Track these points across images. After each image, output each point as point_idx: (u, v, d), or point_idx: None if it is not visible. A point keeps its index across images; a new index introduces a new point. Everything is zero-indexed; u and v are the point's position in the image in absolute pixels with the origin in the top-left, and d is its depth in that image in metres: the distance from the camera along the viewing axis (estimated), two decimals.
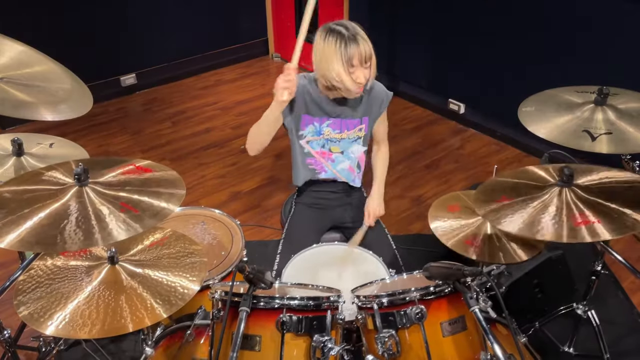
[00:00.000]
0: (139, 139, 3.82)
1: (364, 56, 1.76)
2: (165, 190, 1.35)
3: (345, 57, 1.74)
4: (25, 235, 1.15)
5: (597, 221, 1.31)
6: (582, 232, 1.30)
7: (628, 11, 2.80)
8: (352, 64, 1.75)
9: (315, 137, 1.98)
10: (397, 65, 4.22)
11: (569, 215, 1.35)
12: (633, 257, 2.64)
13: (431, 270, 1.33)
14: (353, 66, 1.76)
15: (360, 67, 1.78)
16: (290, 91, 1.72)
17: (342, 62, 1.74)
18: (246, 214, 3.04)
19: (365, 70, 1.80)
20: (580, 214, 1.34)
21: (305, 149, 2.00)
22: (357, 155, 2.04)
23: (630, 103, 1.72)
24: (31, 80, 1.65)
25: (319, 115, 1.94)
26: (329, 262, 1.83)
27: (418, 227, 2.92)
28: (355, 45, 1.74)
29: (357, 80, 1.78)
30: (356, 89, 1.80)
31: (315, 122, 1.95)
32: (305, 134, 1.97)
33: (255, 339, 1.29)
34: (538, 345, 2.03)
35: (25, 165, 1.73)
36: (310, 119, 1.94)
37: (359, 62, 1.76)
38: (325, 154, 2.01)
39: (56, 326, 1.25)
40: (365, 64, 1.78)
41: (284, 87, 1.71)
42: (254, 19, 4.89)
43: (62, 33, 3.83)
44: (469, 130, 3.89)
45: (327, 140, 1.99)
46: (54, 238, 1.15)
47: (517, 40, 3.36)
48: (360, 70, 1.78)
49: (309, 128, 1.97)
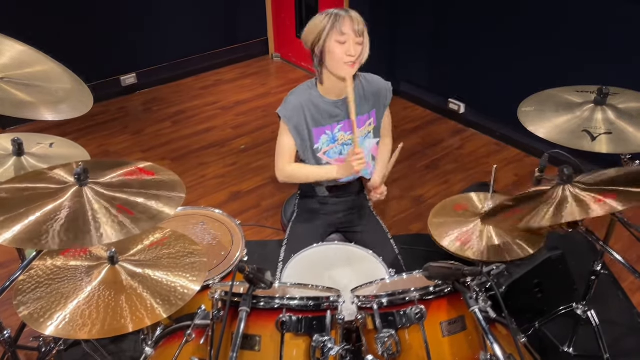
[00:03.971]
0: (139, 139, 3.82)
1: (356, 28, 1.76)
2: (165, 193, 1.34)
3: (337, 25, 1.75)
4: (18, 232, 1.15)
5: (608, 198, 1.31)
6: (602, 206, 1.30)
7: (628, 11, 2.80)
8: (342, 31, 1.75)
9: (331, 145, 1.97)
10: (397, 65, 4.22)
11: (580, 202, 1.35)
12: (633, 257, 2.64)
13: (431, 270, 1.33)
14: (343, 34, 1.75)
15: (352, 40, 1.77)
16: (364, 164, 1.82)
17: (334, 30, 1.76)
18: (246, 214, 3.04)
19: (357, 45, 1.79)
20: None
21: (323, 160, 1.99)
22: (370, 148, 2.03)
23: (630, 103, 1.72)
24: (31, 80, 1.64)
25: (328, 122, 1.93)
26: (328, 262, 1.83)
27: (418, 227, 2.92)
28: (348, 17, 1.76)
29: (348, 53, 1.77)
30: (347, 60, 1.78)
31: (327, 130, 1.94)
32: (321, 146, 1.96)
33: (255, 339, 1.30)
34: (538, 346, 2.03)
35: (26, 165, 1.72)
36: (322, 129, 1.93)
37: (351, 31, 1.75)
38: (344, 160, 1.99)
39: (56, 326, 1.25)
40: (357, 37, 1.77)
41: (360, 165, 1.80)
42: (254, 19, 4.89)
43: (62, 33, 3.82)
44: (469, 130, 3.89)
45: (343, 145, 1.98)
46: (45, 234, 1.14)
47: (517, 40, 3.36)
48: (352, 44, 1.77)
49: (323, 138, 1.95)
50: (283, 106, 1.91)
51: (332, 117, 1.92)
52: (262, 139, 3.74)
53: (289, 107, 1.90)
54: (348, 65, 1.78)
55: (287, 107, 1.90)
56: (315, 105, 1.90)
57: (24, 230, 1.15)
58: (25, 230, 1.16)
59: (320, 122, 1.92)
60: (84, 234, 1.16)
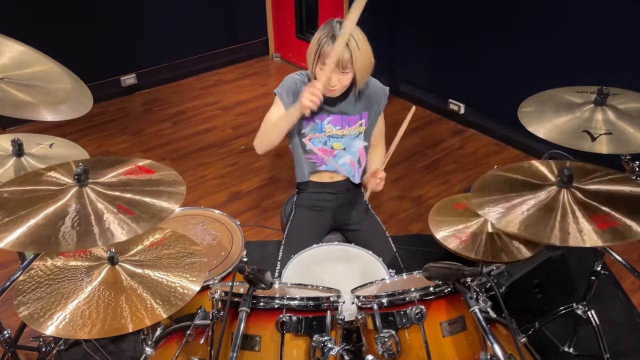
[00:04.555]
0: (139, 139, 3.82)
1: (340, 60, 1.74)
2: (165, 189, 1.35)
3: (322, 55, 1.75)
4: (21, 236, 1.15)
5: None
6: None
7: (628, 11, 2.80)
8: (323, 62, 1.75)
9: (317, 134, 1.98)
10: (397, 66, 4.22)
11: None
12: (633, 257, 2.64)
13: (431, 270, 1.33)
14: (324, 64, 1.75)
15: (336, 71, 1.77)
16: (314, 105, 1.75)
17: (318, 56, 1.76)
18: (246, 214, 3.04)
19: (341, 75, 1.79)
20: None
21: (307, 146, 2.01)
22: (358, 150, 2.04)
23: (630, 103, 1.72)
24: (31, 80, 1.64)
25: (319, 112, 1.94)
26: (328, 263, 1.83)
27: (418, 227, 2.92)
28: (331, 46, 1.74)
29: (330, 82, 1.78)
30: (324, 89, 1.78)
31: (317, 119, 1.96)
32: (307, 131, 1.98)
33: (255, 339, 1.30)
34: (538, 346, 2.03)
35: (26, 165, 1.72)
36: (311, 117, 1.94)
37: (334, 64, 1.73)
38: (327, 150, 2.01)
39: (56, 326, 1.25)
40: (342, 68, 1.77)
41: (310, 101, 1.73)
42: (254, 19, 4.89)
43: (62, 33, 3.82)
44: (469, 131, 3.89)
45: (329, 137, 1.99)
46: (49, 238, 1.15)
47: (517, 40, 3.36)
48: (335, 73, 1.78)
49: (310, 125, 1.97)
50: (280, 86, 1.95)
51: (323, 108, 1.93)
52: None
53: (285, 85, 1.94)
54: (328, 90, 1.82)
55: (283, 85, 1.94)
56: None
57: (26, 234, 1.16)
58: (27, 233, 1.16)
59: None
60: (86, 236, 1.16)
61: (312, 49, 1.80)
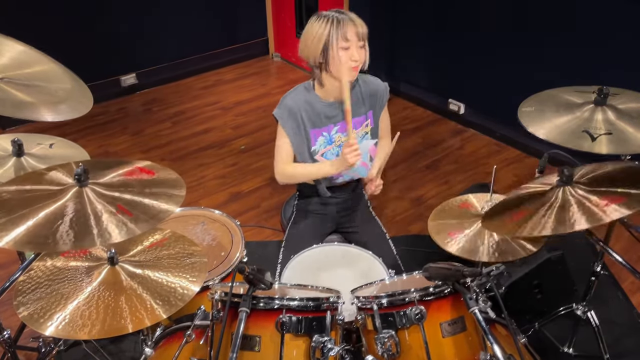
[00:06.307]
0: (139, 139, 3.82)
1: (359, 31, 1.76)
2: (165, 191, 1.34)
3: (341, 32, 1.75)
4: (19, 235, 1.15)
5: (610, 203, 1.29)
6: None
7: (628, 11, 2.80)
8: (346, 37, 1.75)
9: (328, 146, 1.97)
10: (397, 66, 4.22)
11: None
12: (633, 257, 2.64)
13: (431, 271, 1.33)
14: (348, 40, 1.75)
15: (355, 45, 1.77)
16: (359, 158, 1.80)
17: (337, 37, 1.75)
18: (246, 215, 3.04)
19: (360, 49, 1.79)
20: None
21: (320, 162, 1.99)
22: (368, 149, 2.03)
23: (630, 103, 1.72)
24: (31, 80, 1.64)
25: (325, 124, 1.93)
26: (328, 263, 1.83)
27: (418, 227, 2.92)
28: (349, 21, 1.75)
29: (352, 58, 1.77)
30: (352, 64, 1.78)
31: (324, 132, 1.94)
32: (318, 147, 1.96)
33: (254, 339, 1.30)
34: (537, 346, 2.02)
35: (26, 165, 1.72)
36: (319, 130, 1.93)
37: (354, 36, 1.75)
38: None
39: (56, 327, 1.25)
40: (360, 41, 1.77)
41: (355, 157, 1.77)
42: (254, 19, 4.89)
43: (62, 33, 3.82)
44: (469, 131, 3.89)
45: (340, 147, 1.97)
46: (46, 238, 1.14)
47: (518, 40, 3.36)
48: (355, 48, 1.77)
49: (320, 140, 1.95)
50: (278, 107, 1.91)
51: (329, 118, 1.92)
52: (262, 140, 3.73)
53: (283, 108, 1.90)
54: (352, 69, 1.79)
55: (282, 108, 1.90)
56: (311, 107, 1.90)
57: (26, 234, 1.16)
58: (27, 233, 1.16)
59: (316, 124, 1.92)
60: (84, 236, 1.16)
61: (321, 36, 1.77)
